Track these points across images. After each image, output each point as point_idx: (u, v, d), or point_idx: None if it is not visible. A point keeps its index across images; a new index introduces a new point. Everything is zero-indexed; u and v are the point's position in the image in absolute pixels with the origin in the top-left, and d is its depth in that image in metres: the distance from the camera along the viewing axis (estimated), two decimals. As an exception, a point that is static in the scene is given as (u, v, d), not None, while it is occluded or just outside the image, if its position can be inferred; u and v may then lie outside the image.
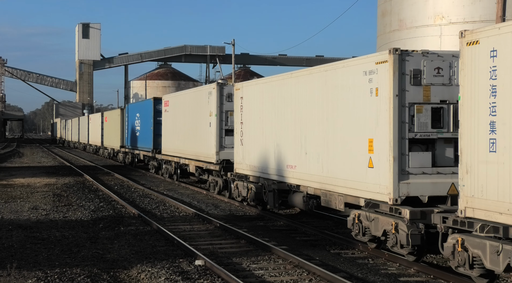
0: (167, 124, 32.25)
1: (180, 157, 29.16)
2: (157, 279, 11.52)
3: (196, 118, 26.48)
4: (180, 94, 32.07)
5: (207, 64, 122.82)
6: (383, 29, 32.44)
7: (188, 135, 27.87)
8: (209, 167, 24.76)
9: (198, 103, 26.37)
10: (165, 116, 32.65)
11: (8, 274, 11.59)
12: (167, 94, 38.35)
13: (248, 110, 20.71)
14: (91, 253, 13.84)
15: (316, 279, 11.68)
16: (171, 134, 31.15)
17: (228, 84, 24.01)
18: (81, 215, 19.74)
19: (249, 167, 20.56)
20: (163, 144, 32.78)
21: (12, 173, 36.68)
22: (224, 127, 23.73)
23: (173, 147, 30.55)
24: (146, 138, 37.01)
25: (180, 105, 30.07)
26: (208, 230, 17.24)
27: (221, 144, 23.71)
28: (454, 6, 28.55)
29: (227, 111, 23.55)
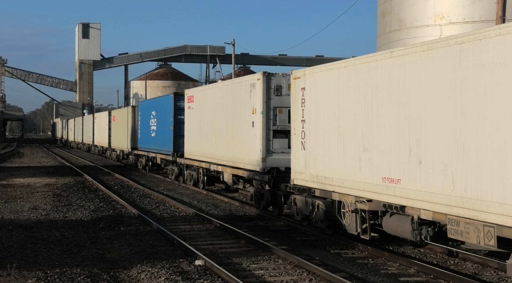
0: (191, 123, 27.82)
1: (209, 162, 24.94)
2: (157, 279, 11.52)
3: (233, 116, 22.28)
4: (208, 88, 26.75)
5: (207, 64, 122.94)
6: (383, 29, 32.45)
7: (221, 136, 23.58)
8: (252, 176, 20.28)
9: (235, 98, 22.06)
10: (188, 114, 28.22)
11: (8, 274, 11.59)
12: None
13: (314, 104, 16.08)
14: (91, 253, 13.84)
15: (316, 279, 11.68)
16: (197, 135, 26.85)
17: (277, 75, 19.80)
18: (81, 215, 19.74)
19: (315, 178, 15.91)
20: (186, 146, 28.54)
21: (12, 173, 36.68)
22: (272, 128, 19.61)
23: (200, 150, 26.36)
24: (164, 140, 32.66)
25: (209, 100, 25.40)
26: (208, 230, 17.24)
27: (268, 148, 19.58)
28: (454, 6, 28.56)
29: (276, 107, 19.62)
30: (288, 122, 18.63)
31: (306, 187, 16.41)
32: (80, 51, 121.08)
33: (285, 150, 19.19)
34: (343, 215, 14.73)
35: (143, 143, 38.53)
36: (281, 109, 19.61)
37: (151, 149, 36.22)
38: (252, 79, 20.46)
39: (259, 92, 19.86)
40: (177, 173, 31.30)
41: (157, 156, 34.56)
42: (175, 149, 30.78)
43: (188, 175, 28.69)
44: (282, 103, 19.46)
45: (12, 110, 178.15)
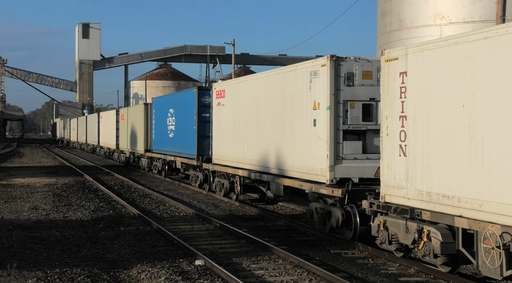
0: (222, 123, 23.61)
1: (250, 170, 20.62)
2: (157, 279, 11.52)
3: (283, 113, 18.10)
4: (246, 80, 21.71)
5: (207, 64, 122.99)
6: (383, 29, 32.45)
7: (265, 138, 19.43)
8: (316, 189, 15.95)
9: (287, 90, 17.90)
10: (218, 111, 23.93)
11: (8, 274, 11.59)
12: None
13: (423, 94, 11.88)
14: (91, 253, 13.84)
15: (316, 279, 11.68)
16: (230, 137, 22.63)
17: (348, 59, 15.48)
18: (81, 215, 19.74)
19: (425, 196, 11.78)
20: (215, 149, 24.31)
21: (12, 173, 36.67)
22: (341, 127, 15.45)
23: (234, 154, 22.18)
24: (185, 141, 28.68)
25: (247, 94, 21.19)
26: (208, 230, 17.24)
27: (337, 153, 15.42)
28: (454, 6, 28.57)
29: (347, 101, 15.38)
30: (362, 120, 15.35)
31: (407, 207, 12.13)
32: (80, 51, 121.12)
33: (359, 156, 15.42)
34: (477, 250, 10.76)
35: (159, 145, 34.57)
36: (353, 103, 15.49)
37: (168, 151, 32.17)
38: (314, 66, 16.10)
39: (324, 82, 15.53)
40: (201, 180, 27.07)
41: (177, 160, 30.26)
42: (199, 152, 26.82)
43: (218, 183, 24.40)
44: (355, 95, 15.39)
45: (12, 110, 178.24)
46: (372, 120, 15.42)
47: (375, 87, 15.08)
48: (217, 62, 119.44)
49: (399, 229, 12.51)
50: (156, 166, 35.84)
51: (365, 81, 15.34)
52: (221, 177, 24.05)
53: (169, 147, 31.99)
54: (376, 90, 14.86)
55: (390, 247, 13.01)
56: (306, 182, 16.48)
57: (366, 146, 15.49)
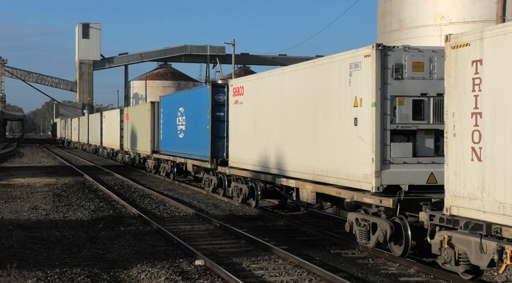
0: (240, 122, 21.62)
1: (274, 174, 18.72)
2: (157, 279, 11.52)
3: (315, 111, 16.05)
4: (270, 75, 19.45)
5: (207, 64, 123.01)
6: (383, 29, 32.46)
7: (292, 139, 17.45)
8: (358, 198, 13.92)
9: (320, 85, 15.82)
10: (236, 110, 21.94)
11: (8, 274, 11.59)
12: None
13: (505, 86, 10.02)
14: (91, 253, 13.84)
15: (316, 279, 11.69)
16: (250, 138, 20.65)
17: (397, 49, 13.65)
18: (81, 215, 19.74)
19: (510, 210, 9.85)
20: (232, 151, 22.38)
21: (12, 173, 36.68)
22: (389, 127, 13.48)
23: (255, 157, 20.21)
24: (197, 142, 26.76)
25: (269, 91, 19.17)
26: (208, 230, 17.24)
27: (384, 157, 13.48)
28: (454, 6, 28.58)
29: (395, 96, 13.46)
30: (412, 119, 13.54)
31: (483, 222, 10.34)
32: (80, 51, 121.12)
33: (408, 160, 13.56)
34: None
35: (167, 146, 32.45)
36: (402, 99, 13.63)
37: (178, 153, 30.13)
38: (354, 56, 14.19)
39: (368, 75, 13.68)
40: (216, 184, 25.00)
41: (188, 162, 28.26)
42: (213, 154, 24.77)
43: (235, 188, 22.25)
44: (404, 90, 13.57)
45: (12, 110, 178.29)
46: (423, 118, 13.57)
47: (427, 81, 13.59)
48: (217, 62, 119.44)
49: (470, 248, 10.66)
50: (164, 168, 33.73)
51: (415, 73, 13.52)
52: (238, 181, 22.00)
53: (179, 148, 30.00)
54: (428, 84, 13.58)
55: (457, 268, 11.15)
56: (345, 190, 14.45)
57: (417, 148, 13.65)
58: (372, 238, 13.81)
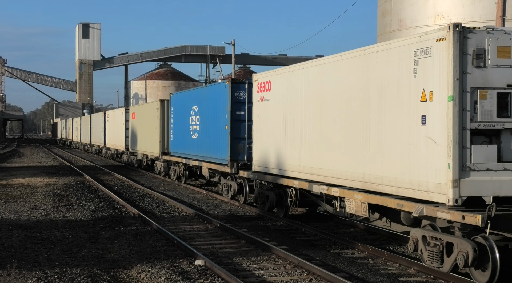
0: (266, 121, 19.35)
1: (311, 181, 16.36)
2: (157, 279, 11.52)
3: (367, 108, 13.67)
4: (306, 66, 16.82)
5: (207, 64, 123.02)
6: (383, 29, 32.47)
7: (337, 141, 15.02)
8: (432, 213, 11.50)
9: (374, 76, 13.48)
10: (261, 107, 19.75)
11: (8, 274, 11.59)
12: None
13: None
14: (91, 253, 13.84)
15: (316, 279, 11.69)
16: (280, 139, 18.26)
17: (479, 30, 11.25)
18: (81, 215, 19.74)
19: None
20: (256, 154, 20.15)
21: (12, 173, 36.68)
22: (468, 126, 11.18)
23: (286, 160, 17.98)
24: (214, 143, 24.70)
25: (307, 85, 16.63)
26: (208, 230, 17.24)
27: (463, 162, 11.16)
28: (454, 6, 28.58)
29: (476, 88, 11.16)
30: (497, 116, 11.19)
31: None
32: (80, 51, 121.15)
33: (492, 166, 11.20)
34: None
35: (178, 147, 30.43)
36: (485, 92, 11.19)
37: (191, 155, 27.98)
38: (422, 41, 11.90)
39: (442, 62, 11.33)
40: (236, 190, 22.78)
41: (203, 165, 26.11)
42: (232, 157, 22.59)
43: (259, 195, 20.03)
44: (487, 80, 11.21)
45: (12, 110, 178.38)
46: (510, 115, 11.23)
47: None
48: (217, 62, 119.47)
49: None
50: (174, 171, 31.53)
51: (501, 60, 11.14)
52: (263, 187, 19.88)
53: (192, 150, 27.82)
54: None
55: None
56: (409, 201, 12.16)
57: (502, 152, 11.34)
58: (447, 261, 11.41)
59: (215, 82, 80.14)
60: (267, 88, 19.35)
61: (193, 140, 27.62)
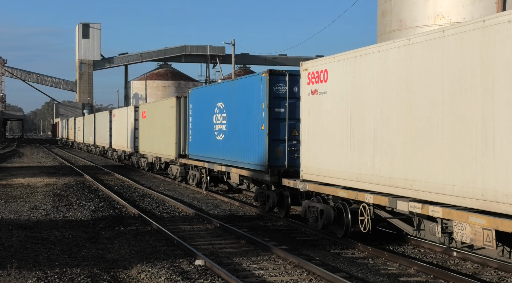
0: (322, 119, 15.98)
1: (392, 195, 13.11)
2: (157, 279, 11.52)
3: (490, 99, 10.57)
4: (383, 49, 13.46)
5: (207, 64, 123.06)
6: (383, 29, 32.48)
7: (434, 142, 11.92)
8: None
9: (499, 57, 10.37)
10: (314, 103, 16.28)
11: (8, 274, 11.59)
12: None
13: None
14: (91, 253, 13.84)
15: (316, 279, 11.68)
16: (343, 141, 14.93)
17: None
18: (81, 215, 19.74)
19: None
20: (307, 158, 16.69)
21: (12, 173, 36.68)
22: None
23: (352, 168, 14.52)
24: (245, 146, 21.36)
25: (385, 73, 13.33)
26: (208, 230, 17.24)
27: None
28: (454, 6, 28.58)
29: None
30: None
31: None
32: (80, 51, 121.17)
33: None
34: None
35: (199, 149, 27.14)
36: None
37: (215, 158, 24.67)
38: None
39: None
40: (275, 201, 19.38)
41: (231, 171, 22.52)
42: (271, 162, 19.28)
43: (311, 210, 16.39)
44: None
45: (12, 110, 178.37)
46: None
47: None
48: (217, 62, 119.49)
49: None
50: (194, 176, 28.17)
51: None
52: (313, 200, 16.45)
53: (217, 153, 24.50)
54: None
55: None
56: None
57: None
58: None
59: (215, 82, 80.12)
60: (321, 78, 15.93)
61: (218, 142, 24.38)
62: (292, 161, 19.04)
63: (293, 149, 19.05)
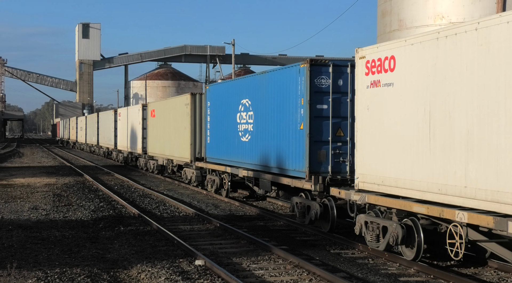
0: (384, 117, 13.53)
1: (504, 215, 10.32)
2: (157, 279, 11.52)
3: None
4: (481, 25, 10.87)
5: (207, 64, 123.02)
6: (383, 29, 32.48)
7: None
8: None
9: None
10: (372, 97, 13.89)
11: (8, 274, 11.59)
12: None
13: None
14: (91, 253, 13.84)
15: (316, 279, 11.68)
16: (421, 142, 12.27)
17: None
18: (81, 215, 19.74)
19: None
20: (364, 163, 14.13)
21: (12, 173, 36.68)
22: None
23: (433, 177, 11.93)
24: (279, 148, 18.74)
25: (477, 59, 10.95)
26: (208, 230, 17.24)
27: None
28: (454, 6, 28.58)
29: None
30: None
31: None
32: (80, 51, 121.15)
33: None
34: None
35: (219, 152, 24.54)
36: None
37: (240, 162, 22.09)
38: None
39: None
40: (317, 213, 16.56)
41: (261, 177, 20.09)
42: (312, 168, 16.68)
43: (372, 227, 13.82)
44: None
45: (12, 110, 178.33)
46: None
47: None
48: (217, 62, 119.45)
49: None
50: (212, 182, 25.50)
51: None
52: (373, 213, 13.97)
53: (241, 156, 21.98)
54: None
55: None
56: None
57: None
58: None
59: (215, 82, 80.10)
60: (386, 67, 13.43)
61: (243, 143, 21.76)
62: (336, 166, 16.63)
63: (338, 153, 16.68)
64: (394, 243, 12.97)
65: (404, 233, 12.77)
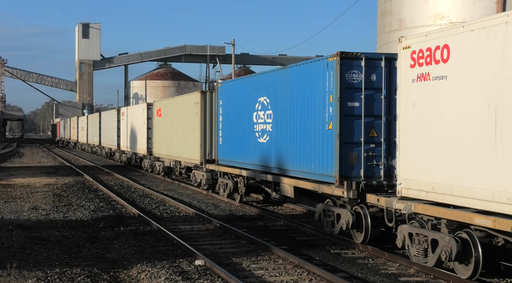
0: (435, 115, 11.89)
1: None
2: (157, 279, 11.52)
3: None
4: None
5: (207, 64, 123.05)
6: (383, 29, 32.48)
7: None
8: None
9: None
10: (419, 92, 12.34)
11: (8, 274, 11.59)
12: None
13: None
14: (91, 253, 13.84)
15: (316, 279, 11.68)
16: (482, 147, 10.55)
17: None
18: (81, 215, 19.74)
19: None
20: (409, 169, 12.58)
21: (12, 173, 36.68)
22: None
23: (500, 187, 10.14)
24: (302, 151, 17.09)
25: None
26: (208, 230, 17.24)
27: None
28: (454, 6, 28.58)
29: None
30: None
31: None
32: (80, 51, 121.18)
33: None
34: None
35: (232, 154, 22.85)
36: None
37: (257, 165, 20.42)
38: None
39: None
40: (350, 223, 14.86)
41: (283, 182, 18.31)
42: (343, 172, 14.99)
43: (420, 240, 12.28)
44: None
45: (12, 110, 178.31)
46: None
47: None
48: (217, 62, 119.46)
49: None
50: (225, 186, 23.76)
51: None
52: (418, 224, 12.44)
53: (259, 159, 20.29)
54: None
55: None
56: None
57: None
58: None
59: (215, 82, 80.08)
60: (437, 58, 11.74)
61: (261, 145, 20.07)
62: (369, 170, 14.96)
63: (371, 155, 15.00)
64: (447, 259, 11.43)
65: (459, 248, 11.25)
